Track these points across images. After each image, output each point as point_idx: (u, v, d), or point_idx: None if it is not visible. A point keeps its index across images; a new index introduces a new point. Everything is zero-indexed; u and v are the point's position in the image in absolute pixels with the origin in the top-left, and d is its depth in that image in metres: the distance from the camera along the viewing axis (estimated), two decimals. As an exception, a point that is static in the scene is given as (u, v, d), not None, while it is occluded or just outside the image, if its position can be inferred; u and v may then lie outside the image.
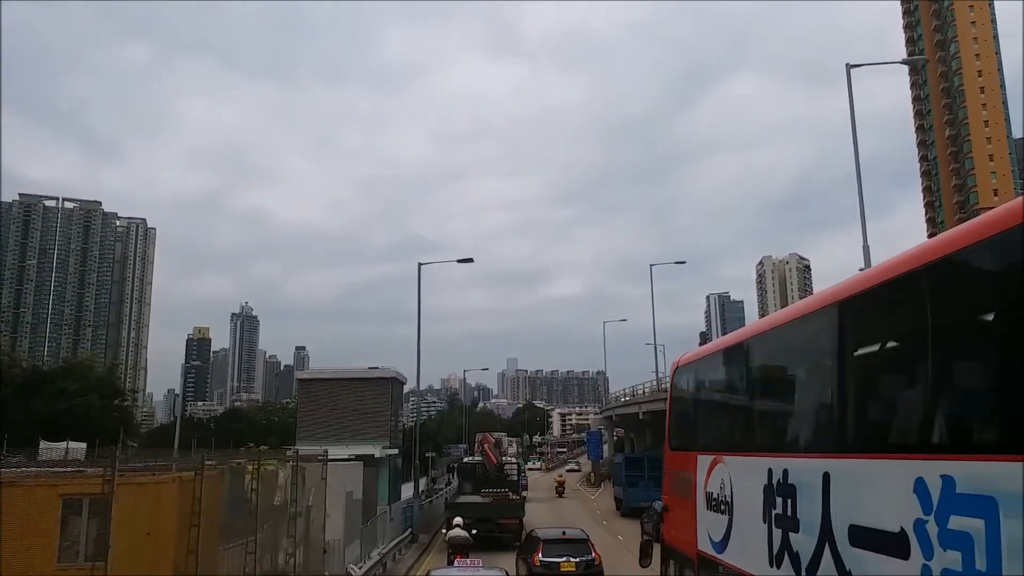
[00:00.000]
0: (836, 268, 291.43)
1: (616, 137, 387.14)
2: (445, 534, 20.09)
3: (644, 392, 46.33)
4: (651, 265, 29.21)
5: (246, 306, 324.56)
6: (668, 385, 8.45)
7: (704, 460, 6.05)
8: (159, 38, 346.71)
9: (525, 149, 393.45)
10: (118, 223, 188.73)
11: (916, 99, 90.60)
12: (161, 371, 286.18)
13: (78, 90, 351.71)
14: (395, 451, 31.63)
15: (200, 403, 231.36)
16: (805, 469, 4.34)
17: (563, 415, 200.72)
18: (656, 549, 7.53)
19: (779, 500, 4.61)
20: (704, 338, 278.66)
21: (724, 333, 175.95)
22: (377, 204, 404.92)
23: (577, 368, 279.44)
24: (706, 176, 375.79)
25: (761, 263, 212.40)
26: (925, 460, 3.25)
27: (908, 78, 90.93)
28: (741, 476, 5.40)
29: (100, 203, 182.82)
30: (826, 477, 4.04)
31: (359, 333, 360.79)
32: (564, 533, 17.02)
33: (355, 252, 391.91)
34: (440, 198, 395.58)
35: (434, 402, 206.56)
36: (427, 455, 54.22)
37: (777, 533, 4.65)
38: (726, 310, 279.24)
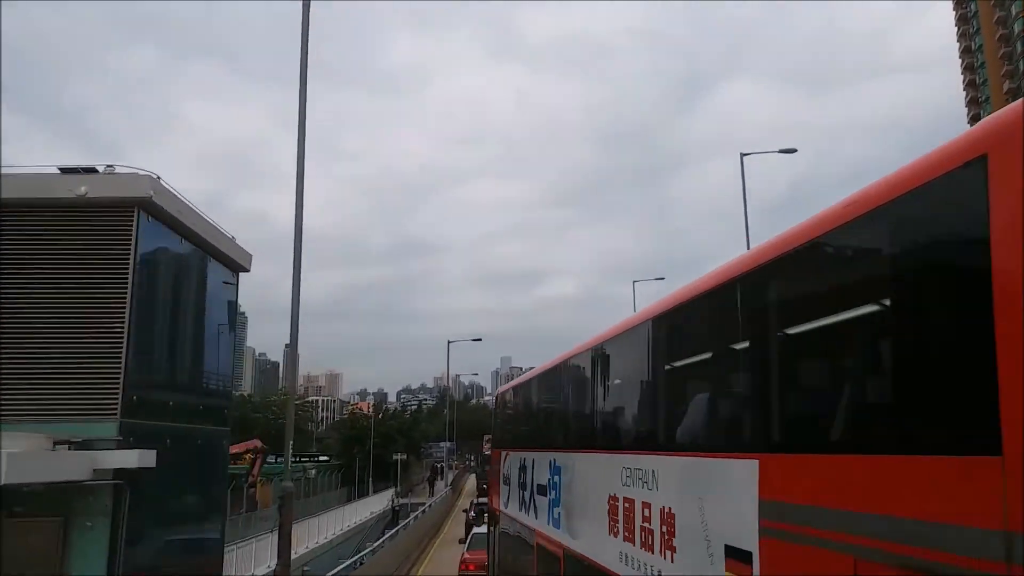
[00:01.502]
0: None
1: (614, 140, 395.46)
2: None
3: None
4: (634, 282, 32.63)
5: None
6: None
7: (501, 454, 10.86)
8: (167, 41, 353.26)
9: (524, 152, 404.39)
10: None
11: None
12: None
13: (84, 92, 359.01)
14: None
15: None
16: (534, 457, 8.61)
17: None
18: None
19: (525, 475, 8.89)
20: None
21: None
22: (376, 206, 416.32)
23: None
24: (702, 179, 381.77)
25: None
26: (556, 452, 7.51)
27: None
28: (513, 462, 9.92)
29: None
30: (533, 462, 8.57)
31: (354, 333, 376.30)
32: None
33: (352, 254, 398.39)
34: (438, 200, 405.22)
35: (425, 399, 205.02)
36: (396, 457, 50.03)
37: (523, 493, 8.93)
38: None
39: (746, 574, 3.49)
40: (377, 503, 41.13)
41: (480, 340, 37.92)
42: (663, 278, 46.97)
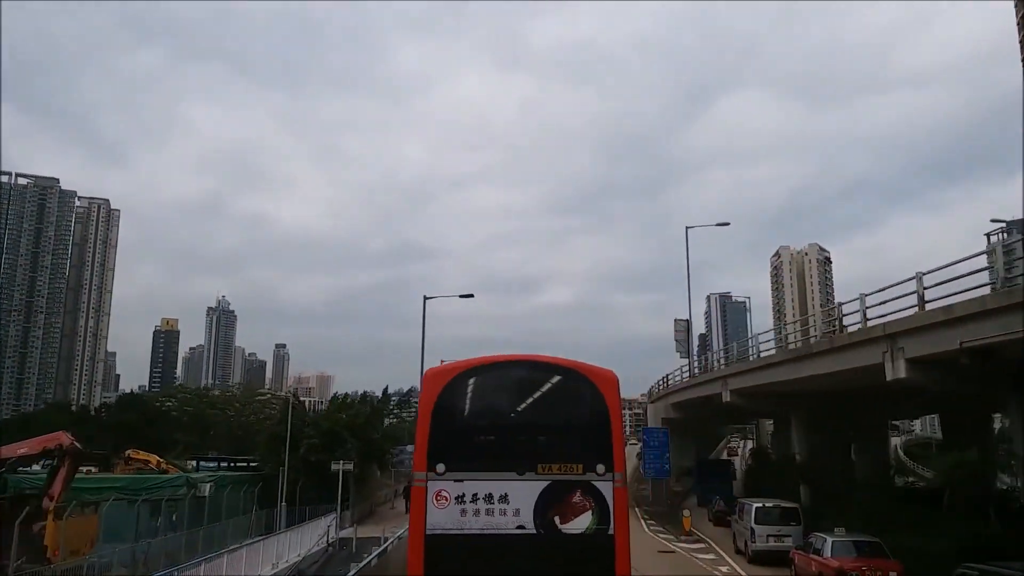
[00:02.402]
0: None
1: (617, 150, 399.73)
2: None
3: (722, 365, 38.11)
4: (687, 227, 36.16)
5: (223, 300, 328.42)
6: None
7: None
8: (173, 43, 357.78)
9: (526, 160, 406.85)
10: (77, 202, 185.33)
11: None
12: (133, 366, 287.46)
13: (89, 93, 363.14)
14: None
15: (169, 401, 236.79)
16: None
17: None
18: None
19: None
20: (704, 340, 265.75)
21: (726, 334, 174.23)
22: (375, 211, 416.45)
23: None
24: (703, 189, 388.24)
25: (777, 254, 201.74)
26: None
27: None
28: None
29: (57, 180, 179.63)
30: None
31: (351, 337, 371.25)
32: None
33: (351, 258, 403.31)
34: (438, 206, 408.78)
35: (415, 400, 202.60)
36: (338, 466, 34.51)
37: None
38: (727, 311, 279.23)
39: None
40: (311, 535, 29.34)
41: (472, 296, 36.66)
42: (728, 223, 44.48)
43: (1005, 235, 70.77)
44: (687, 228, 17.95)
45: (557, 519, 7.95)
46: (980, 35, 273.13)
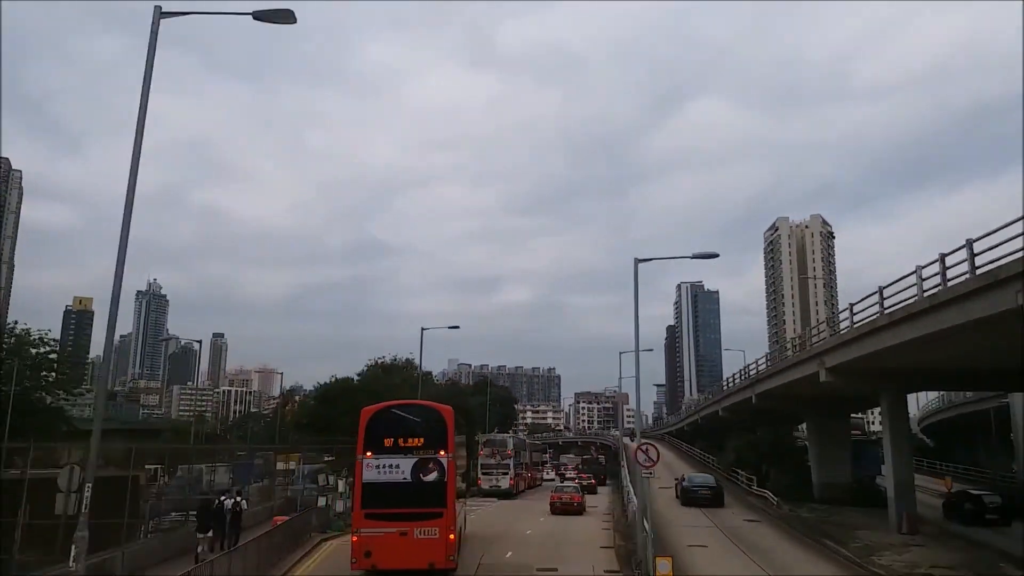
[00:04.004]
0: (759, 287, 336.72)
1: (584, 151, 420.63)
2: None
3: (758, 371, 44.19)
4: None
5: (154, 283, 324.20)
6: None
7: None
8: (135, 30, 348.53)
9: (492, 159, 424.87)
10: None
11: None
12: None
13: (46, 79, 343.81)
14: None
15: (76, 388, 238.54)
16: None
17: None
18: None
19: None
20: (672, 332, 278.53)
21: (696, 325, 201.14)
22: (338, 207, 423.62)
23: (526, 365, 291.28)
24: (666, 193, 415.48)
25: (775, 228, 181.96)
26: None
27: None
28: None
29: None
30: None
31: (310, 334, 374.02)
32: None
33: (312, 253, 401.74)
34: (402, 203, 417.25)
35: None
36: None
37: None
38: (699, 301, 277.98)
39: None
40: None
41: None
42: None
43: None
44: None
45: (421, 474, 18.73)
46: (937, 50, 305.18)
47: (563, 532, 28.75)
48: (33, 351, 34.59)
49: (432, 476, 18.97)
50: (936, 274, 21.24)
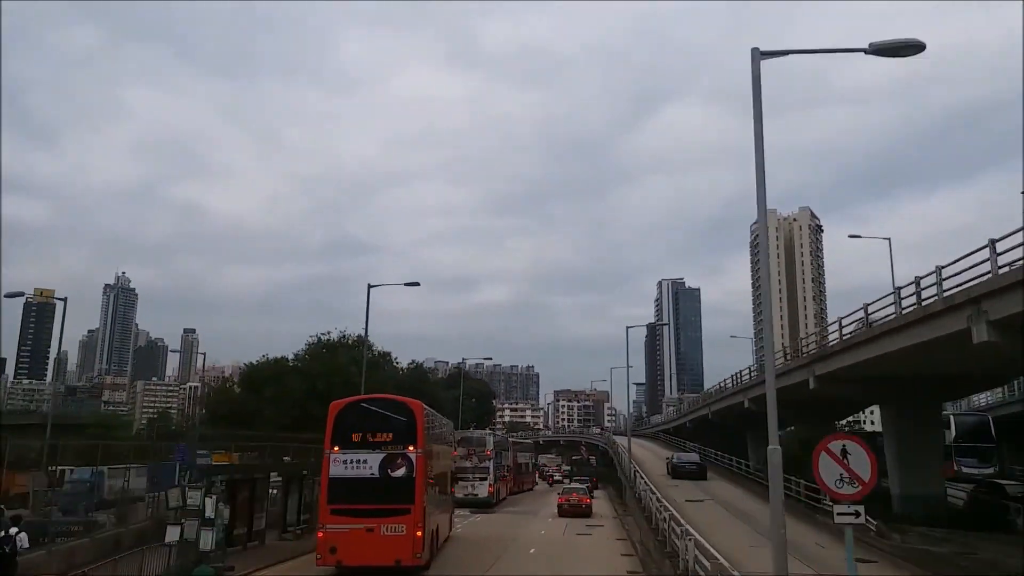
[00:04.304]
0: (738, 287, 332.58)
1: (562, 152, 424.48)
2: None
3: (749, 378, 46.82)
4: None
5: (122, 276, 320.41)
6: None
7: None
8: (112, 22, 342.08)
9: (471, 158, 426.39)
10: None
11: None
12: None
13: (21, 71, 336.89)
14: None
15: (28, 381, 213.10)
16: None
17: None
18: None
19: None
20: (653, 330, 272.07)
21: (678, 323, 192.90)
22: (314, 203, 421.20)
23: (504, 363, 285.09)
24: (642, 195, 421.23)
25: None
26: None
27: None
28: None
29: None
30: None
31: (284, 331, 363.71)
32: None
33: (286, 251, 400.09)
34: (379, 201, 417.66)
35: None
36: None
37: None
38: (680, 299, 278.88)
39: None
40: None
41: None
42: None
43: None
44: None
45: (390, 470, 18.33)
46: (914, 59, 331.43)
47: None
48: None
49: (400, 472, 18.75)
50: (913, 294, 24.42)
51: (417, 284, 35.05)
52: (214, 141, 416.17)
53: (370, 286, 30.90)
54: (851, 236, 36.88)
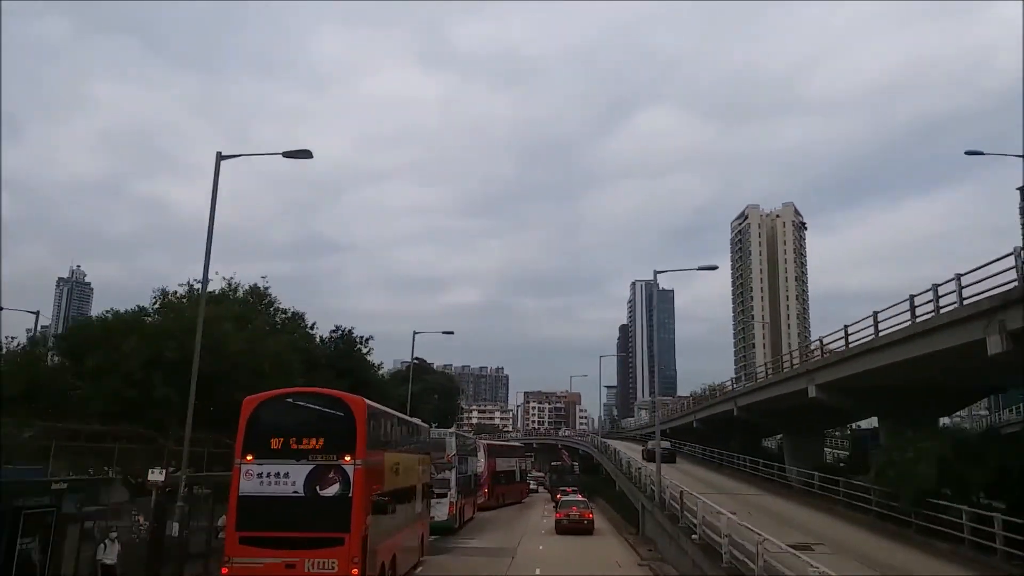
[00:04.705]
0: (710, 293, 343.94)
1: (535, 155, 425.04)
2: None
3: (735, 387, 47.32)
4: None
5: (77, 270, 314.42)
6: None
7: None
8: (79, 14, 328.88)
9: (443, 159, 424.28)
10: None
11: None
12: None
13: None
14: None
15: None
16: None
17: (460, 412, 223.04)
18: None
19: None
20: (626, 331, 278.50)
21: (651, 324, 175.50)
22: (283, 202, 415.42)
23: (473, 364, 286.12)
24: (614, 199, 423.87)
25: (744, 216, 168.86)
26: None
27: None
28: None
29: None
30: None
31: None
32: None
33: (253, 248, 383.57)
34: (350, 200, 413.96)
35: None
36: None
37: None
38: (654, 300, 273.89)
39: None
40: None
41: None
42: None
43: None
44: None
45: (318, 487, 14.26)
46: (881, 69, 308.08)
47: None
48: None
49: (332, 489, 14.76)
50: (904, 309, 24.98)
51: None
52: (182, 136, 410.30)
53: (220, 156, 20.77)
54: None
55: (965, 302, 20.61)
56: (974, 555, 18.53)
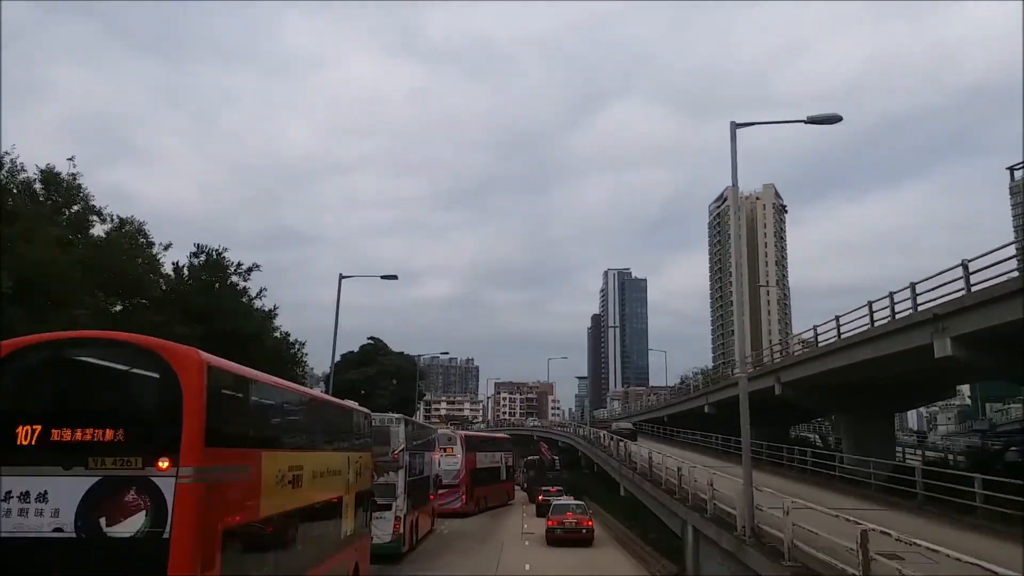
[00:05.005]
0: (684, 284, 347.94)
1: (506, 147, 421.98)
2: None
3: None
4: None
5: None
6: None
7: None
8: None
9: (414, 150, 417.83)
10: None
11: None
12: None
13: None
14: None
15: None
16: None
17: (427, 403, 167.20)
18: None
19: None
20: (598, 320, 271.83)
21: (623, 314, 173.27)
22: (250, 191, 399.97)
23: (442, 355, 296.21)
24: (585, 192, 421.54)
25: (722, 198, 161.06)
26: None
27: None
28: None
29: None
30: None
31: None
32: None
33: (218, 238, 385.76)
34: (318, 191, 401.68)
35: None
36: None
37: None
38: (626, 289, 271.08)
39: None
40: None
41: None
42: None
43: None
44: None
45: (104, 520, 7.59)
46: (849, 67, 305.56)
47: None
48: None
49: (131, 525, 7.79)
50: (864, 314, 27.25)
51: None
52: (146, 123, 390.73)
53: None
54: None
55: (919, 308, 22.68)
56: None
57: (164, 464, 7.85)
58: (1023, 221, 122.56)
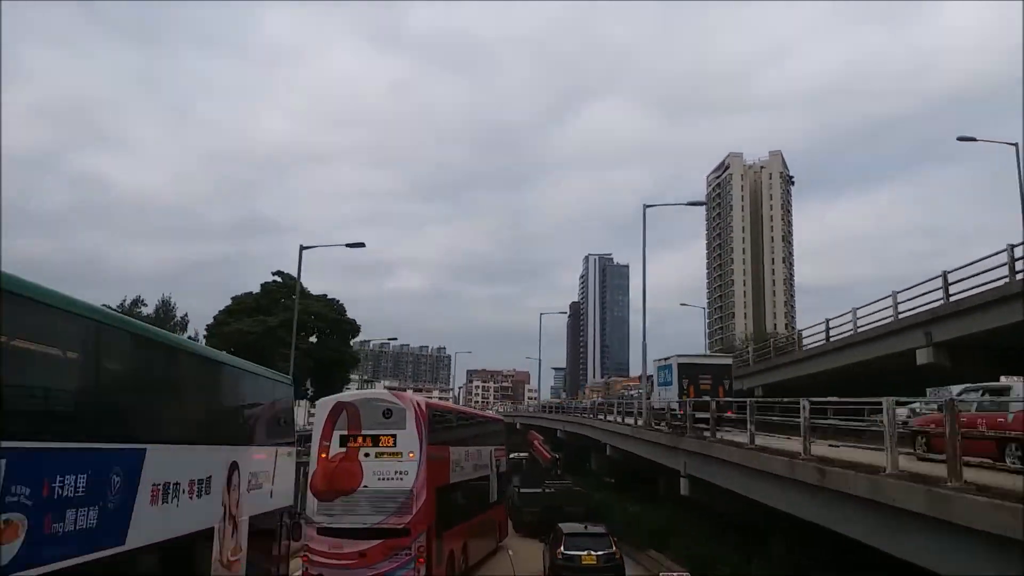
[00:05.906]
0: (658, 283, 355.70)
1: (485, 142, 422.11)
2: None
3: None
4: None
5: None
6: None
7: None
8: None
9: (392, 142, 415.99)
10: None
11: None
12: None
13: None
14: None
15: None
16: None
17: (389, 390, 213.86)
18: None
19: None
20: (577, 308, 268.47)
21: (604, 302, 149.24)
22: (225, 180, 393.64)
23: (414, 344, 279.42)
24: (560, 190, 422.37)
25: (724, 166, 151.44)
26: None
27: None
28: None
29: None
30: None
31: (190, 309, 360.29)
32: (586, 527, 20.84)
33: (193, 227, 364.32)
34: (294, 181, 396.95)
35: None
36: None
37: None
38: (607, 275, 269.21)
39: None
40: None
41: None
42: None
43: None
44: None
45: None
46: (830, 69, 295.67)
47: None
48: None
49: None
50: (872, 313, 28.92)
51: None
52: (121, 109, 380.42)
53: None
54: None
55: (901, 316, 24.64)
56: None
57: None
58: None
